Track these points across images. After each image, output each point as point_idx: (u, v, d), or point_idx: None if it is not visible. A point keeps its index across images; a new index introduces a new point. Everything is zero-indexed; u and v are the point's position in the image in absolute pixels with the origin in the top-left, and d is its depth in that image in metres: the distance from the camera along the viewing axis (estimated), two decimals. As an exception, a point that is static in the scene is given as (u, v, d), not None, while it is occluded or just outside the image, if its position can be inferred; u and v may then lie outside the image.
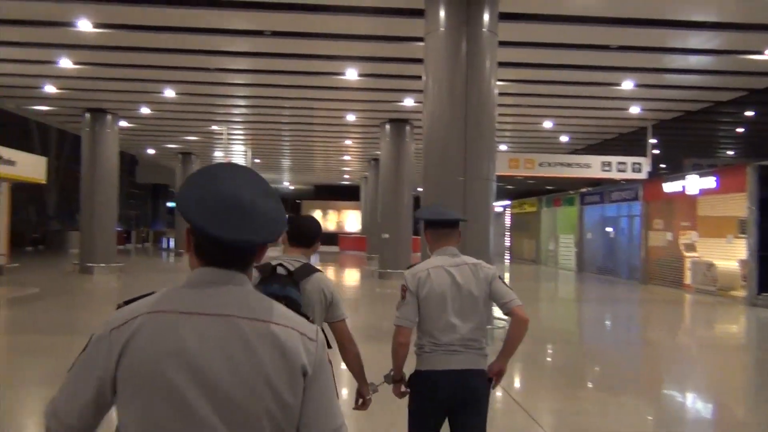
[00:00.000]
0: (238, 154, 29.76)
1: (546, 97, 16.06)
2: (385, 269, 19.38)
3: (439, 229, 3.35)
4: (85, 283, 17.19)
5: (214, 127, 22.11)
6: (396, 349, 3.22)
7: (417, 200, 13.52)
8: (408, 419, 3.24)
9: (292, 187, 54.66)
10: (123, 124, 20.97)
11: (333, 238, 40.79)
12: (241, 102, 18.28)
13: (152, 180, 44.43)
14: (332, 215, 47.50)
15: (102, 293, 15.77)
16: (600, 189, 23.95)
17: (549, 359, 8.97)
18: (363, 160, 30.34)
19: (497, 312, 9.52)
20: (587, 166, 18.92)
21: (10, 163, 13.45)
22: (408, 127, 19.73)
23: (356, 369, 3.09)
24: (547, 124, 19.57)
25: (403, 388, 3.28)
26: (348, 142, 24.95)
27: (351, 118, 19.46)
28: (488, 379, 3.22)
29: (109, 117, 19.52)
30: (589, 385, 7.59)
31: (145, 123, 21.74)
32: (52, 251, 31.50)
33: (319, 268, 3.08)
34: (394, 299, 3.40)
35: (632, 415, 6.24)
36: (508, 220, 34.73)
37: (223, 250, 1.34)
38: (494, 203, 9.51)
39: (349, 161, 31.77)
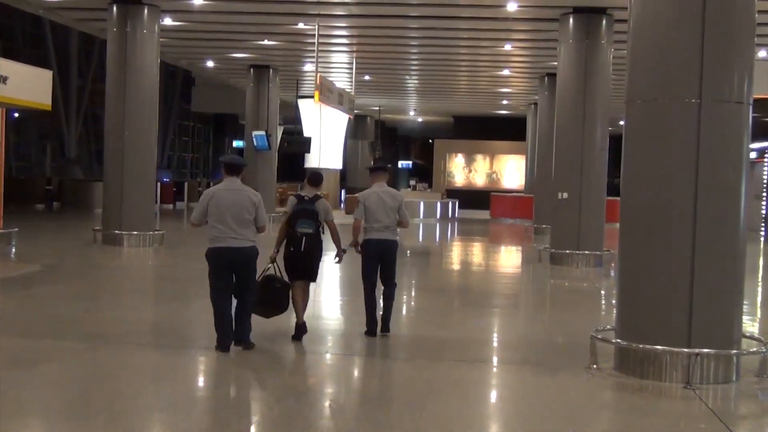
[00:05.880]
0: (339, 68, 29.82)
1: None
2: (560, 249, 18.72)
3: (376, 173, 10.58)
4: (107, 260, 17.72)
5: (301, 25, 22.06)
6: (354, 230, 10.30)
7: (616, 139, 12.59)
8: (361, 263, 10.39)
9: (420, 119, 54.43)
10: (167, 21, 21.31)
11: (482, 198, 39.93)
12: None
13: (214, 108, 45.49)
14: (481, 164, 46.37)
15: (128, 277, 16.05)
16: None
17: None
18: (531, 75, 29.94)
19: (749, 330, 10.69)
20: None
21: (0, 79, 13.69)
22: (604, 21, 18.89)
23: (336, 241, 10.37)
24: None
25: (358, 249, 10.33)
26: (508, 47, 24.61)
27: (512, 8, 18.96)
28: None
29: (145, 10, 19.72)
30: None
31: (199, 20, 22.11)
32: (73, 210, 33.02)
33: (322, 195, 10.32)
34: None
35: None
36: (766, 174, 32.85)
37: (230, 169, 10.06)
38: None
39: (508, 78, 31.50)
